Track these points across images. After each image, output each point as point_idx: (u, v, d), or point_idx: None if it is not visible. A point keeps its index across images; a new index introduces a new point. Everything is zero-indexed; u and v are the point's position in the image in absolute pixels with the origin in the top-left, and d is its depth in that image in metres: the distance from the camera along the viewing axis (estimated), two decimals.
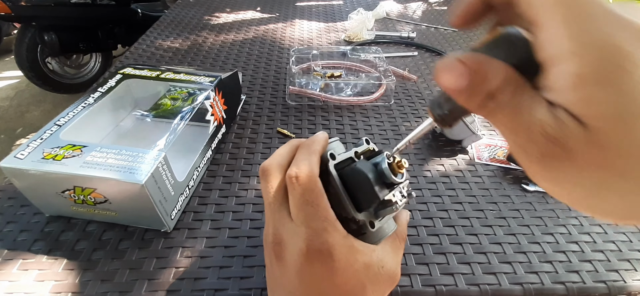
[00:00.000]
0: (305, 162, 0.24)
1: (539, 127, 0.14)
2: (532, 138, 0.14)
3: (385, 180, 0.24)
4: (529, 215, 0.43)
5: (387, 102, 0.63)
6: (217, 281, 0.34)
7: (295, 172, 0.24)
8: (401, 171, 0.25)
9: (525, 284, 0.35)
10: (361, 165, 0.25)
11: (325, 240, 0.23)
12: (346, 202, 0.24)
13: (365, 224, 0.24)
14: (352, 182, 0.25)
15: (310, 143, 0.26)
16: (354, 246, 0.24)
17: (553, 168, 0.14)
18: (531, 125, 0.14)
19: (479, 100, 0.15)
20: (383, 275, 0.25)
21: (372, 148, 0.28)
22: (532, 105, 0.14)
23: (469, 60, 0.15)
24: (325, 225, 0.23)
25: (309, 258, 0.23)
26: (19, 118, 2.05)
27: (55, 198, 0.36)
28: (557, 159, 0.14)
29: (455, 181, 0.47)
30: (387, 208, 0.24)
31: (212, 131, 0.46)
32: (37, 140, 0.36)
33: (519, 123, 0.14)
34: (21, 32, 1.82)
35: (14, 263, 0.35)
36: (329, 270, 0.23)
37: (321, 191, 0.24)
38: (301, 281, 0.24)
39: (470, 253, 0.38)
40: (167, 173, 0.36)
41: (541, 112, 0.14)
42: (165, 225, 0.37)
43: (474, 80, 0.15)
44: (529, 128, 0.14)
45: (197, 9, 1.00)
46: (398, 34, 0.87)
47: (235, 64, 0.73)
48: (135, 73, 0.50)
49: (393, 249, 0.27)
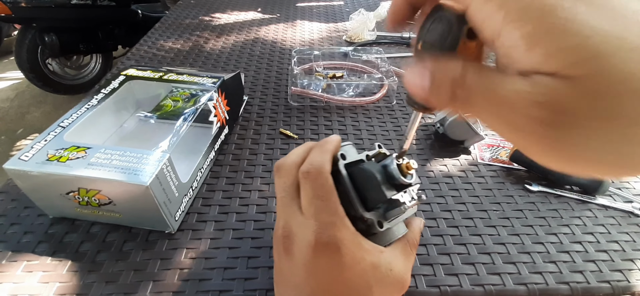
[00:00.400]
0: (318, 159, 0.25)
1: (525, 99, 0.13)
2: (524, 112, 0.13)
3: (394, 181, 0.25)
4: (532, 215, 0.43)
5: (389, 103, 0.63)
6: (221, 282, 0.34)
7: (307, 167, 0.25)
8: (410, 172, 0.25)
9: (529, 284, 0.35)
10: (369, 165, 0.25)
11: (334, 234, 0.23)
12: (355, 200, 0.25)
13: (373, 223, 0.25)
14: (360, 181, 0.25)
15: (324, 143, 0.27)
16: (362, 244, 0.24)
17: (558, 140, 0.13)
18: (517, 100, 0.13)
19: (448, 91, 0.15)
20: (391, 278, 0.25)
21: (384, 153, 0.28)
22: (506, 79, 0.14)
23: (426, 61, 0.16)
24: (334, 219, 0.23)
25: (316, 250, 0.23)
26: (19, 119, 2.05)
27: (60, 199, 0.36)
28: (559, 127, 0.13)
29: (459, 181, 0.47)
30: (395, 209, 0.25)
31: (215, 132, 0.46)
32: (41, 141, 0.36)
33: (502, 102, 0.14)
34: (21, 34, 1.82)
35: (18, 265, 0.35)
36: (336, 265, 0.23)
37: (332, 187, 0.24)
38: (308, 274, 0.24)
39: (475, 253, 0.38)
40: (172, 175, 0.36)
41: (519, 83, 0.13)
42: (170, 226, 0.37)
43: (435, 75, 0.16)
44: (516, 104, 0.13)
45: (198, 10, 1.00)
46: (399, 34, 0.87)
47: (237, 65, 0.73)
48: (138, 74, 0.50)
49: (403, 254, 0.26)
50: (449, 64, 0.15)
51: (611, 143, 0.12)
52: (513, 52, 0.13)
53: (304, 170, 0.25)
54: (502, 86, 0.14)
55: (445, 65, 0.15)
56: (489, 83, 0.14)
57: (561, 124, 0.13)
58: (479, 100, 0.15)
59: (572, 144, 0.13)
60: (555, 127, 0.13)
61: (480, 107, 0.15)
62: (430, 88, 0.16)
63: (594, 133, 0.12)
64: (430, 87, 0.16)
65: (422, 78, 0.16)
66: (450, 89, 0.15)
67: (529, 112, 0.13)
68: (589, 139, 0.13)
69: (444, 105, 0.16)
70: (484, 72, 0.14)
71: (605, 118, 0.12)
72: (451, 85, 0.15)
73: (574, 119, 0.12)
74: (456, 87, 0.15)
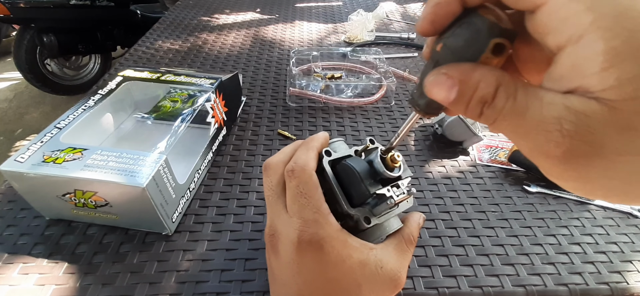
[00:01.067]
0: (302, 157, 0.25)
1: (554, 125, 0.12)
2: (550, 138, 0.12)
3: (381, 177, 0.24)
4: (530, 216, 0.43)
5: (388, 103, 0.62)
6: (218, 284, 0.34)
7: (292, 166, 0.25)
8: (396, 165, 0.25)
9: (528, 286, 0.35)
10: (352, 161, 0.25)
11: (316, 231, 0.23)
12: (339, 196, 0.24)
13: (359, 220, 0.24)
14: (344, 177, 0.25)
15: (309, 141, 0.27)
16: (348, 242, 0.24)
17: (579, 166, 0.13)
18: (543, 124, 0.13)
19: (475, 109, 0.15)
20: (382, 275, 0.24)
21: (373, 147, 0.28)
22: (537, 103, 0.13)
23: (455, 72, 0.15)
24: (317, 216, 0.23)
25: (299, 249, 0.23)
26: (18, 120, 2.05)
27: (56, 201, 0.36)
28: (584, 156, 0.12)
29: (457, 182, 0.47)
30: (383, 204, 0.24)
31: (212, 133, 0.46)
32: (38, 143, 0.36)
33: (527, 126, 0.13)
34: (20, 34, 1.82)
35: (14, 267, 0.34)
36: (320, 263, 0.23)
37: (315, 184, 0.24)
38: (293, 273, 0.24)
39: (473, 254, 0.38)
40: (168, 176, 0.36)
41: (552, 108, 0.12)
42: (167, 228, 0.37)
43: (464, 92, 0.15)
44: (543, 129, 0.13)
45: (197, 10, 1.00)
46: (398, 35, 0.87)
47: (235, 65, 0.73)
48: (135, 75, 0.49)
49: (397, 251, 0.26)
50: (481, 82, 0.14)
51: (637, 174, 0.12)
52: (585, 65, 0.12)
53: (289, 168, 0.25)
54: (536, 112, 0.13)
55: (476, 82, 0.14)
56: (519, 109, 0.13)
57: (590, 154, 0.12)
58: (507, 123, 0.14)
59: (596, 175, 0.12)
60: (584, 156, 0.12)
61: (506, 128, 0.14)
62: (455, 100, 0.15)
63: (621, 165, 0.12)
64: (456, 99, 0.15)
65: (449, 89, 0.15)
66: (478, 107, 0.15)
67: (558, 140, 0.12)
68: (616, 170, 0.12)
69: (467, 116, 0.16)
70: (516, 95, 0.14)
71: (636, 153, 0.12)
72: (479, 103, 0.14)
73: (601, 150, 0.12)
74: (485, 107, 0.14)
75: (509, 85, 0.14)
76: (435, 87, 0.16)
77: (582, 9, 0.11)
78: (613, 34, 0.11)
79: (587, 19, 0.11)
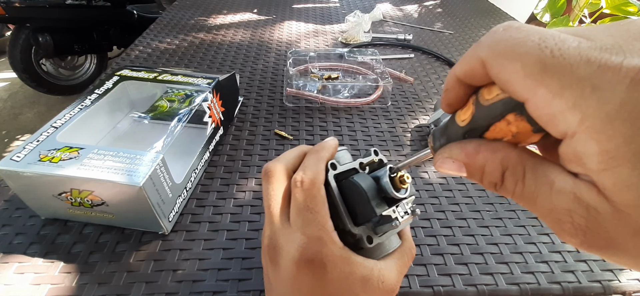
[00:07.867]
0: (312, 169, 0.24)
1: (565, 216, 0.12)
2: (563, 228, 0.12)
3: (386, 195, 0.24)
4: (524, 215, 0.43)
5: (384, 104, 0.63)
6: (215, 283, 0.34)
7: (301, 177, 0.24)
8: (404, 186, 0.23)
9: (521, 284, 0.36)
10: (359, 178, 0.24)
11: (319, 250, 0.22)
12: (343, 214, 0.24)
13: (361, 239, 0.24)
14: (350, 195, 0.24)
15: (320, 150, 0.26)
16: (351, 259, 0.23)
17: (600, 253, 0.12)
18: (555, 213, 0.12)
19: (490, 188, 0.15)
20: (381, 290, 0.24)
21: (378, 160, 0.27)
22: (546, 190, 0.12)
23: (459, 155, 0.16)
24: (321, 233, 0.22)
25: (300, 267, 0.22)
26: (12, 120, 2.03)
27: (52, 200, 0.36)
28: (601, 248, 0.12)
29: (452, 182, 0.47)
30: (386, 225, 0.23)
31: (209, 133, 0.46)
32: (34, 142, 0.36)
33: (539, 212, 0.13)
34: (15, 34, 1.80)
35: (9, 267, 0.34)
36: (321, 281, 0.22)
37: (323, 199, 0.23)
38: (293, 289, 0.23)
39: (468, 253, 0.38)
40: (165, 176, 0.36)
41: (562, 198, 0.12)
42: (163, 227, 0.37)
43: (472, 173, 0.15)
44: (555, 218, 0.12)
45: (194, 10, 1.00)
46: (394, 36, 0.87)
47: (232, 65, 0.73)
48: (132, 75, 0.49)
49: (398, 266, 0.25)
50: (486, 166, 0.15)
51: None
52: (585, 160, 0.11)
53: (297, 179, 0.24)
54: (546, 198, 0.13)
55: (481, 165, 0.15)
56: (528, 195, 0.13)
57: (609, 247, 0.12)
58: (522, 203, 0.14)
59: (620, 260, 0.12)
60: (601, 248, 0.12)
61: (524, 206, 0.14)
62: (467, 176, 0.16)
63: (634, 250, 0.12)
64: (469, 176, 0.16)
65: (457, 170, 0.16)
66: (491, 187, 0.15)
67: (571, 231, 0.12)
68: (628, 254, 0.12)
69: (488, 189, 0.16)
70: (524, 179, 0.13)
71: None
72: (491, 184, 0.15)
73: (619, 247, 0.12)
74: (497, 188, 0.15)
75: (515, 168, 0.14)
76: (444, 168, 0.17)
77: (567, 108, 0.11)
78: (606, 137, 0.10)
79: (574, 118, 0.11)
